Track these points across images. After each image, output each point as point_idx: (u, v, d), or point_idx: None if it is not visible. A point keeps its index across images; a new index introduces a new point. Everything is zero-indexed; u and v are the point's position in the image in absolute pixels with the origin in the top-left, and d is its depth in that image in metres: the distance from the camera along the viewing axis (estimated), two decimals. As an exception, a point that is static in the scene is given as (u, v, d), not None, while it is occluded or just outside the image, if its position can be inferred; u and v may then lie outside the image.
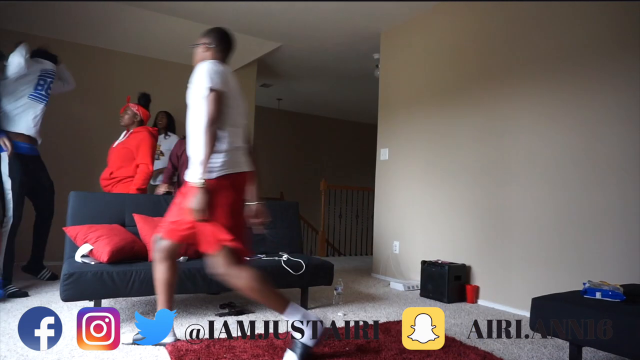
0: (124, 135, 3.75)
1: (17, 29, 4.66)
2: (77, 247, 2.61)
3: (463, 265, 3.63)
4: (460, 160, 3.85)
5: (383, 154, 4.78)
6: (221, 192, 1.94)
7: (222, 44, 2.12)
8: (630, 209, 2.71)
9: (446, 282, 3.50)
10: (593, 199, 2.89)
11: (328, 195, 6.50)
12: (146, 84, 5.34)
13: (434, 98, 4.18)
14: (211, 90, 1.90)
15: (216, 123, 1.89)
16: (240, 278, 1.97)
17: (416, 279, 4.12)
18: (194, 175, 1.87)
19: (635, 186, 2.69)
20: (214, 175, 1.93)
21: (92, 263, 2.47)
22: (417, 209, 4.27)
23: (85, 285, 2.31)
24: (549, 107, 3.19)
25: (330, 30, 4.90)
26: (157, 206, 3.07)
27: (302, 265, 2.92)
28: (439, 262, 3.69)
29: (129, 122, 3.70)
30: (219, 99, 1.92)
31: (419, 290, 3.80)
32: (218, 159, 1.94)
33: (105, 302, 2.67)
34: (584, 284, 2.17)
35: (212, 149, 1.87)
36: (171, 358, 2.03)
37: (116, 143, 3.75)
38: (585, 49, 3.01)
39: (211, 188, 1.90)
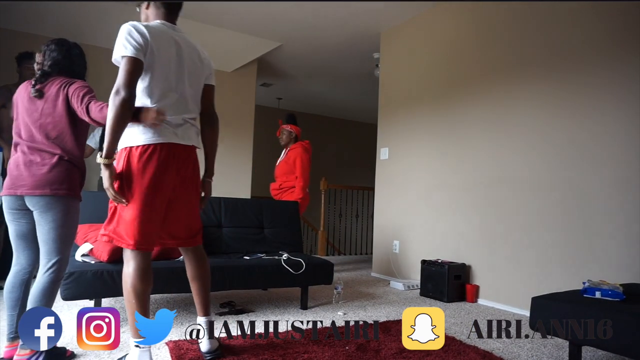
0: (284, 153, 4.52)
1: (17, 29, 4.66)
2: (78, 247, 2.61)
3: (463, 265, 3.63)
4: (460, 159, 3.85)
5: (383, 153, 4.78)
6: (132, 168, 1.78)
7: None
8: (630, 209, 2.71)
9: (446, 282, 3.50)
10: (593, 199, 2.89)
11: (328, 195, 6.50)
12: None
13: (434, 97, 4.18)
14: (123, 57, 1.72)
15: (121, 95, 1.67)
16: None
17: (416, 278, 4.12)
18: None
19: (635, 186, 2.69)
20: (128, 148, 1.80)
21: (93, 262, 2.47)
22: (417, 209, 4.27)
23: (85, 285, 2.31)
24: (549, 106, 3.19)
25: (330, 30, 4.90)
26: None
27: (302, 265, 2.92)
28: (439, 261, 3.69)
29: (287, 140, 4.48)
30: (133, 68, 1.71)
31: (419, 290, 3.80)
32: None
33: (105, 302, 2.68)
34: (584, 283, 2.17)
35: (116, 123, 1.67)
36: (172, 357, 2.04)
37: (279, 160, 4.54)
38: (584, 48, 3.01)
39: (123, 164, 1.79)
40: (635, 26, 2.76)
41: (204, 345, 2.02)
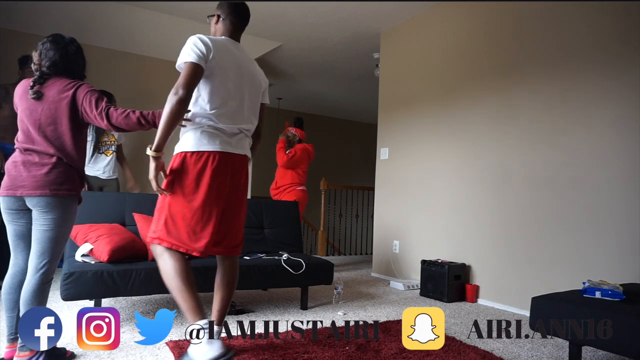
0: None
1: (17, 29, 4.66)
2: (78, 247, 2.61)
3: (463, 265, 3.63)
4: (460, 159, 3.85)
5: (383, 153, 4.78)
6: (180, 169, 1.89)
7: (230, 16, 2.03)
8: (629, 209, 2.71)
9: (446, 282, 3.50)
10: (593, 199, 2.89)
11: (328, 195, 6.50)
12: (145, 82, 5.35)
13: (434, 97, 4.18)
14: (183, 63, 1.85)
15: (179, 94, 1.78)
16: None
17: (416, 278, 4.12)
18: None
19: (635, 186, 2.69)
20: (178, 150, 1.92)
21: (93, 262, 2.47)
22: (417, 209, 4.27)
23: (85, 285, 2.31)
24: (549, 106, 3.19)
25: (330, 30, 4.90)
26: (157, 206, 3.07)
27: (302, 265, 2.92)
28: (439, 261, 3.69)
29: (291, 142, 4.60)
30: (193, 73, 1.82)
31: (419, 290, 3.80)
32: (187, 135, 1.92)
33: (105, 302, 2.68)
34: (584, 283, 2.17)
35: (170, 119, 1.78)
36: (174, 355, 2.04)
37: None
38: (583, 48, 3.01)
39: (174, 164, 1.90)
40: (636, 24, 2.76)
41: (215, 349, 1.96)
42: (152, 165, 1.82)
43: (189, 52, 1.84)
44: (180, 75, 1.84)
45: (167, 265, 1.87)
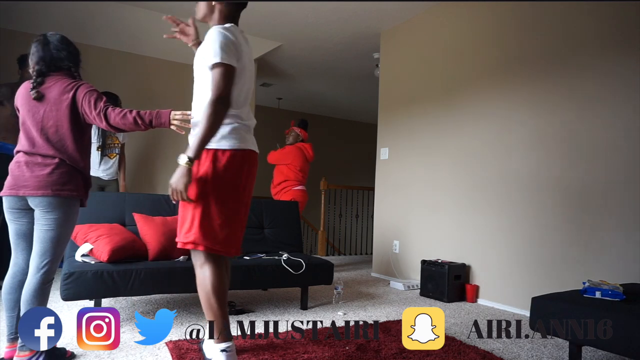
0: None
1: (17, 29, 4.66)
2: (78, 247, 2.61)
3: (463, 265, 3.63)
4: (460, 159, 3.85)
5: (383, 153, 4.78)
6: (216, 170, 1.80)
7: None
8: (630, 209, 2.71)
9: (446, 282, 3.50)
10: (593, 199, 2.90)
11: (328, 195, 6.50)
12: (146, 82, 5.35)
13: (434, 97, 4.18)
14: (221, 65, 1.71)
15: (225, 103, 1.71)
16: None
17: (416, 278, 4.12)
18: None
19: (635, 186, 2.69)
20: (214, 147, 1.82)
21: (92, 262, 2.47)
22: (417, 209, 4.27)
23: (85, 285, 2.31)
24: (549, 105, 3.19)
25: (330, 30, 4.90)
26: (157, 205, 3.07)
27: (302, 265, 2.92)
28: (439, 261, 3.69)
29: (293, 141, 4.71)
30: (231, 76, 1.73)
31: (419, 290, 3.80)
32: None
33: (105, 302, 2.68)
34: (584, 283, 2.17)
35: (215, 128, 1.70)
36: (172, 357, 2.04)
37: None
38: (583, 47, 3.01)
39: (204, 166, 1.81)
40: (633, 23, 2.76)
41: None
42: (184, 175, 1.69)
43: (226, 51, 1.71)
44: (216, 76, 1.72)
45: (206, 278, 1.82)
